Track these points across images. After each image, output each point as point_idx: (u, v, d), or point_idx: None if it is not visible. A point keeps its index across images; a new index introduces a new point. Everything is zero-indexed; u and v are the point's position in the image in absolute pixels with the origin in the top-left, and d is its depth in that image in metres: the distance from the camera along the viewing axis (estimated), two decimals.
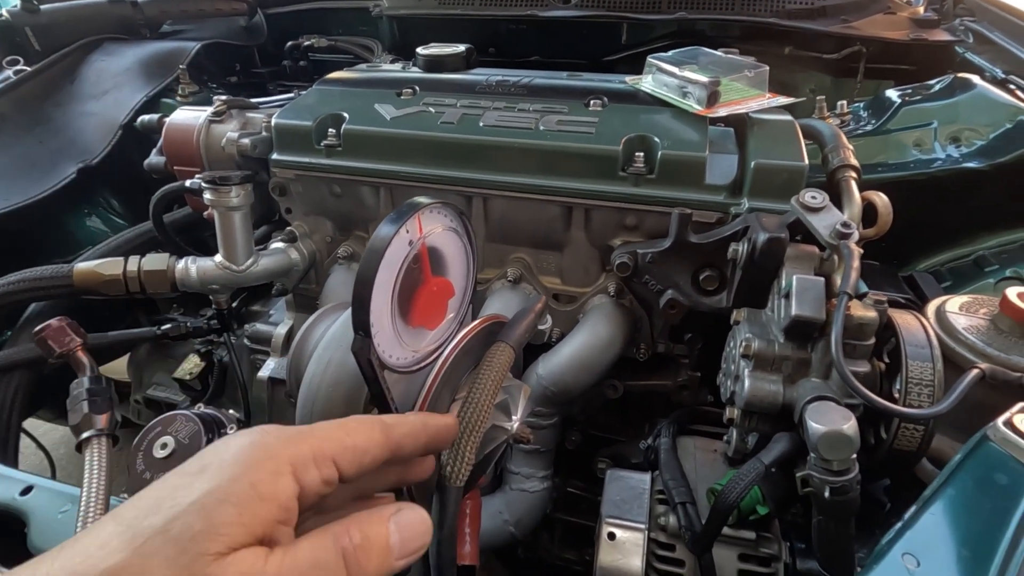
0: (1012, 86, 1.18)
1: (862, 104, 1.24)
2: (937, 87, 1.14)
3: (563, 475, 1.08)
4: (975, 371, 0.57)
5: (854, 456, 0.57)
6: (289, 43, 1.94)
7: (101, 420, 0.50)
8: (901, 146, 1.08)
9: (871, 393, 0.55)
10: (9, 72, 1.47)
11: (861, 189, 0.79)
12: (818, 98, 1.18)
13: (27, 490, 0.51)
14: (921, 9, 1.60)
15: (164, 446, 0.69)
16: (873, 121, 1.16)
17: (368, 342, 0.54)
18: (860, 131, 1.14)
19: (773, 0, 1.56)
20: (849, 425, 0.56)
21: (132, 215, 1.56)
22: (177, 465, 0.69)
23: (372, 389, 0.58)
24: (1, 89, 1.36)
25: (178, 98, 1.55)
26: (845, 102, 1.22)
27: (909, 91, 1.18)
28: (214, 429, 0.72)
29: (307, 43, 1.93)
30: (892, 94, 1.18)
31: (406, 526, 0.36)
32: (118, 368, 1.52)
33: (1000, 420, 0.50)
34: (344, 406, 0.65)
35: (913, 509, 0.48)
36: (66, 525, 0.48)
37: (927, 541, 0.45)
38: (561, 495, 1.09)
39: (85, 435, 0.49)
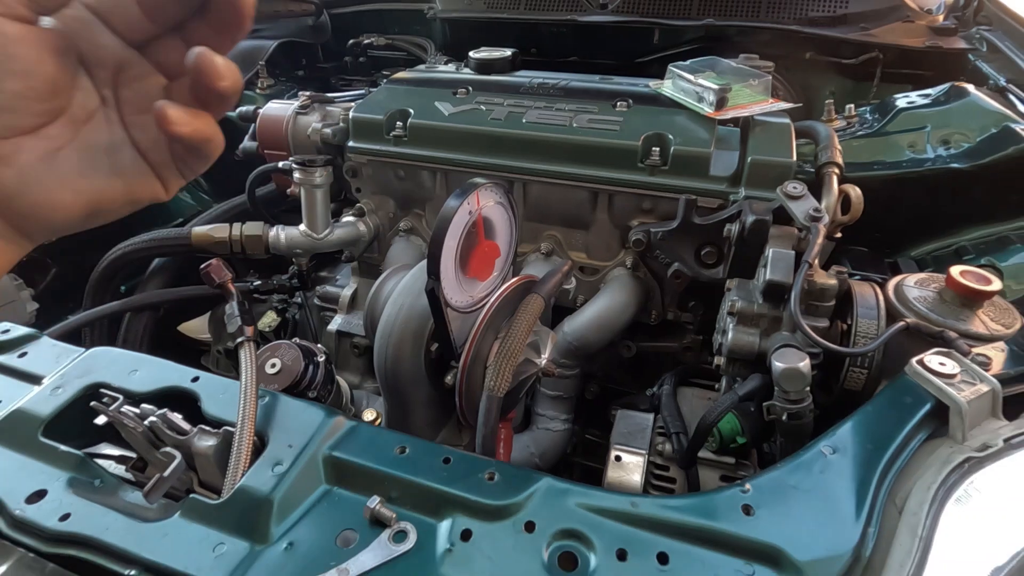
0: (1010, 95, 1.28)
1: (869, 108, 1.36)
2: (935, 94, 1.26)
3: (583, 423, 1.26)
4: (900, 323, 0.72)
5: (807, 388, 0.73)
6: (351, 41, 2.15)
7: (249, 330, 0.70)
8: (897, 147, 1.21)
9: (815, 335, 0.71)
10: None
11: (842, 183, 0.94)
12: (827, 101, 1.32)
13: (195, 379, 0.72)
14: (940, 18, 1.69)
15: (273, 365, 0.90)
16: (876, 124, 1.29)
17: (438, 284, 0.73)
18: (862, 132, 1.27)
19: (796, 7, 1.68)
20: (804, 364, 0.72)
21: (215, 190, 1.80)
22: (285, 381, 0.89)
23: (437, 321, 0.78)
24: None
25: (258, 91, 1.77)
26: (853, 106, 1.35)
27: (911, 97, 1.30)
28: (310, 356, 0.93)
29: (367, 41, 2.14)
30: (895, 99, 1.31)
31: None
32: (196, 328, 1.76)
33: (915, 359, 0.66)
34: (412, 338, 0.84)
35: (842, 421, 0.65)
36: (226, 404, 0.68)
37: (844, 438, 0.62)
38: (580, 441, 1.27)
39: (239, 340, 0.69)
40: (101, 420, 0.66)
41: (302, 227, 1.21)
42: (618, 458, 0.92)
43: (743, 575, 0.52)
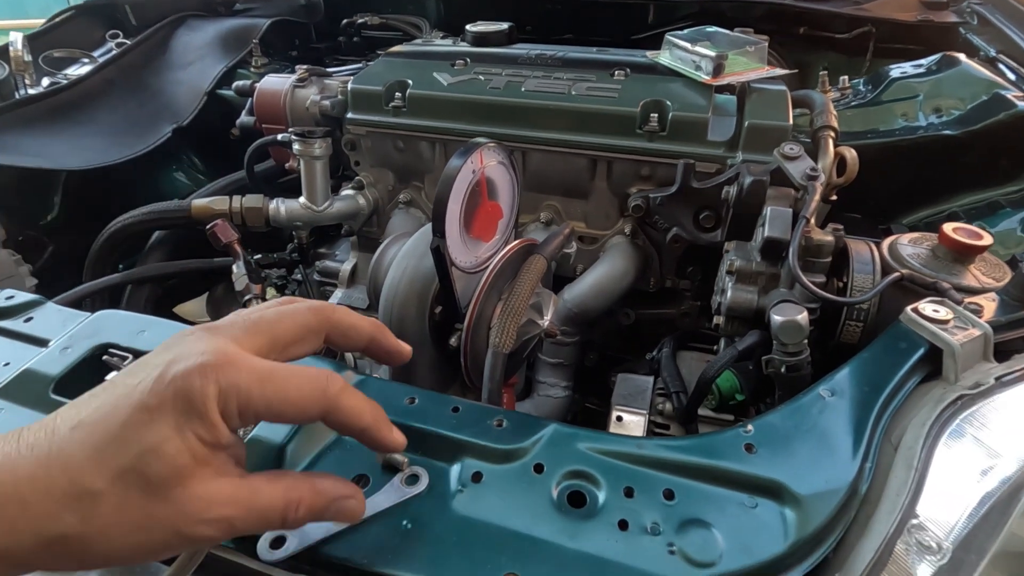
0: (1000, 64, 1.30)
1: (862, 80, 1.38)
2: (927, 64, 1.28)
3: (582, 392, 1.28)
4: (895, 274, 0.74)
5: (805, 341, 0.75)
6: (344, 20, 2.14)
7: (257, 288, 0.71)
8: (890, 116, 1.23)
9: (811, 284, 0.73)
10: (112, 44, 1.71)
11: (837, 146, 0.95)
12: (821, 72, 1.34)
13: None
14: None
15: None
16: (869, 95, 1.31)
17: (443, 242, 0.74)
18: (856, 103, 1.28)
19: None
20: (802, 316, 0.74)
21: (210, 171, 1.79)
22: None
23: (442, 279, 0.79)
24: (110, 59, 1.59)
25: (252, 69, 1.76)
26: (847, 77, 1.37)
27: (904, 67, 1.32)
28: None
29: (361, 20, 2.12)
30: (889, 70, 1.32)
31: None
32: (193, 311, 1.76)
33: (910, 307, 0.67)
34: (417, 300, 0.85)
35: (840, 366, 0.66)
36: None
37: (841, 382, 0.63)
38: (580, 409, 1.29)
39: (247, 297, 0.70)
40: (112, 376, 0.67)
41: (302, 199, 1.21)
42: (619, 418, 0.94)
43: (747, 507, 0.54)
